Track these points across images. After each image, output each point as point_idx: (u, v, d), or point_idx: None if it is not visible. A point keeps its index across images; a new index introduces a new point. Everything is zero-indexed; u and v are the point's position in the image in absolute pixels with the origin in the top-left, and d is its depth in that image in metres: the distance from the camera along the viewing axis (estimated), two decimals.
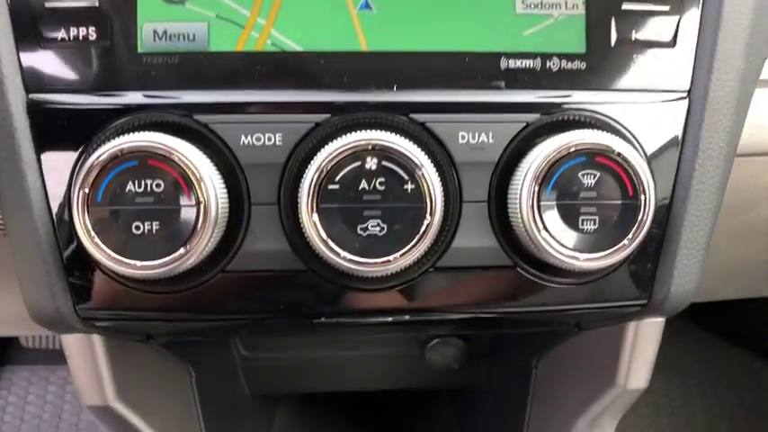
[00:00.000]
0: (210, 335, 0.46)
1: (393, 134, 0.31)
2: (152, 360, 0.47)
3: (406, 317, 0.36)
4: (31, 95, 0.33)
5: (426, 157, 0.31)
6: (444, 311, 0.36)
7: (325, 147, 0.31)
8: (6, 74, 0.32)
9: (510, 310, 0.36)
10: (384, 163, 0.31)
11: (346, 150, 0.31)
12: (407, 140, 0.31)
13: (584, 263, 0.32)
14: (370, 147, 0.31)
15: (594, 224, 0.32)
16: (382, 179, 0.31)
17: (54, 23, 0.33)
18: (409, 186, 0.31)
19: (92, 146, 0.32)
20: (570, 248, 0.32)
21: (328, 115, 0.33)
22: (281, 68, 0.34)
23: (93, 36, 0.33)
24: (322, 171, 0.31)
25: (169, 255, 0.31)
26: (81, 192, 0.31)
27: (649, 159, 0.34)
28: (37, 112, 0.33)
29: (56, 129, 0.33)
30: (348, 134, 0.31)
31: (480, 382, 0.66)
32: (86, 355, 0.39)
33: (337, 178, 0.31)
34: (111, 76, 0.33)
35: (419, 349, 0.63)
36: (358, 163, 0.31)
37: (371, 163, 0.31)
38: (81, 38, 0.33)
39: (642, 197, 0.32)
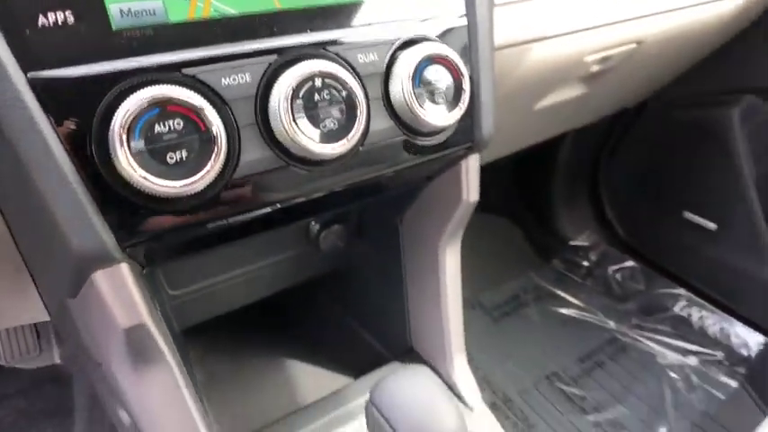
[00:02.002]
0: (220, 238, 0.56)
1: (324, 61, 0.48)
2: None
3: (348, 181, 0.54)
4: (30, 73, 0.40)
5: (348, 73, 0.49)
6: (367, 173, 0.55)
7: (282, 76, 0.46)
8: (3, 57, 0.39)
9: (405, 165, 0.57)
10: (326, 80, 0.48)
11: (300, 77, 0.47)
12: (334, 64, 0.48)
13: (444, 122, 0.54)
14: (315, 72, 0.47)
15: (444, 98, 0.54)
16: (327, 91, 0.48)
17: (34, 10, 0.39)
18: (344, 94, 0.48)
19: (105, 105, 0.41)
20: (434, 116, 0.54)
21: (275, 56, 0.48)
22: (230, 27, 0.47)
23: (71, 19, 0.41)
24: (287, 93, 0.46)
25: (199, 172, 0.43)
26: (120, 137, 0.40)
27: (460, 56, 0.57)
28: (42, 87, 0.40)
29: (64, 96, 0.40)
30: (295, 66, 0.47)
31: (360, 255, 0.86)
32: (117, 282, 0.47)
33: (301, 95, 0.47)
34: (99, 49, 0.41)
35: (311, 244, 0.80)
36: (309, 84, 0.47)
37: (318, 83, 0.47)
38: (61, 22, 0.40)
39: (463, 79, 0.55)
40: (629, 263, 1.73)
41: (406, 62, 0.52)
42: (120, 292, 0.47)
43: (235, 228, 0.51)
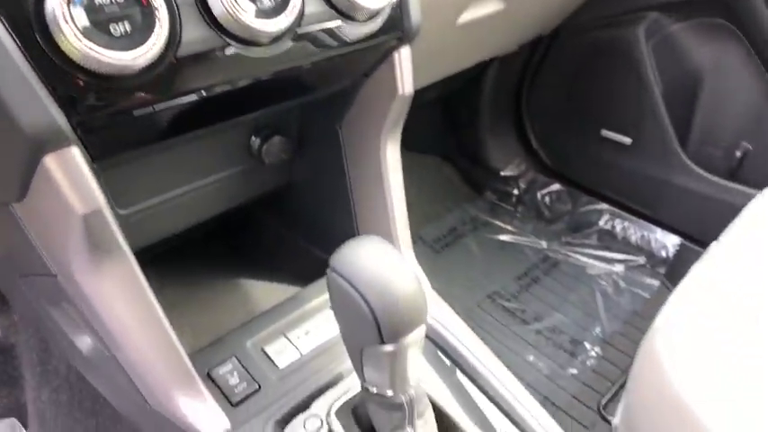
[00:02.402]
0: (162, 128, 0.56)
1: None
2: None
3: (287, 64, 0.55)
4: None
5: None
6: (305, 56, 0.56)
7: None
8: None
9: (341, 51, 0.59)
10: None
11: None
12: None
13: (377, 4, 0.57)
14: None
15: None
16: None
17: None
18: None
19: None
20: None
21: None
22: None
23: None
24: None
25: (143, 44, 0.44)
26: (63, 11, 0.41)
27: None
28: None
29: None
30: None
31: (304, 167, 0.87)
32: (71, 166, 0.47)
33: None
34: None
35: (255, 159, 0.81)
36: None
37: None
38: None
39: None
40: (556, 186, 1.83)
41: None
42: (75, 176, 0.47)
43: (177, 114, 0.52)
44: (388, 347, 0.53)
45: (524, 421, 0.69)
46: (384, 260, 0.53)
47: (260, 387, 0.66)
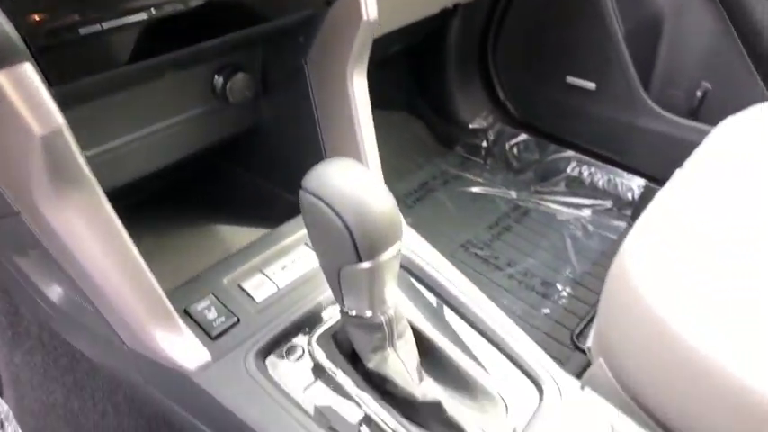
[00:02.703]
0: (116, 49, 0.54)
1: None
2: None
3: None
4: None
5: None
6: None
7: None
8: None
9: None
10: None
11: None
12: None
13: None
14: None
15: None
16: None
17: None
18: None
19: None
20: None
21: None
22: None
23: None
24: None
25: None
26: None
27: None
28: None
29: None
30: None
31: (270, 106, 0.86)
32: (26, 84, 0.45)
33: None
34: None
35: (219, 99, 0.79)
36: None
37: None
38: None
39: None
40: (523, 136, 1.85)
41: None
42: (30, 94, 0.45)
43: (129, 38, 0.51)
44: (365, 265, 0.53)
45: (505, 343, 0.70)
46: (357, 178, 0.53)
47: (239, 320, 0.66)
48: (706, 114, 1.48)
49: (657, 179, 1.58)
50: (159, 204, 0.96)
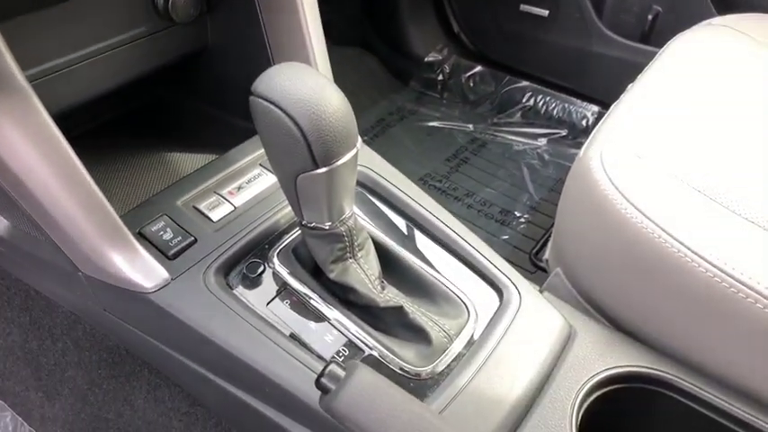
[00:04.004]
0: None
1: None
2: None
3: None
4: None
5: None
6: None
7: None
8: None
9: None
10: None
11: None
12: None
13: None
14: None
15: None
16: None
17: None
18: None
19: None
20: None
21: None
22: None
23: None
24: None
25: None
26: None
27: None
28: None
29: None
30: None
31: (217, 28, 0.82)
32: None
33: None
34: None
35: (164, 18, 0.75)
36: None
37: None
38: None
39: None
40: (479, 68, 1.84)
41: None
42: None
43: None
44: (322, 170, 0.52)
45: (465, 251, 0.71)
46: (310, 81, 0.51)
47: (196, 240, 0.65)
48: (657, 37, 1.50)
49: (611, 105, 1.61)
50: (108, 136, 0.93)
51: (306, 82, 0.51)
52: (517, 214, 1.47)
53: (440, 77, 1.88)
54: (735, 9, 1.24)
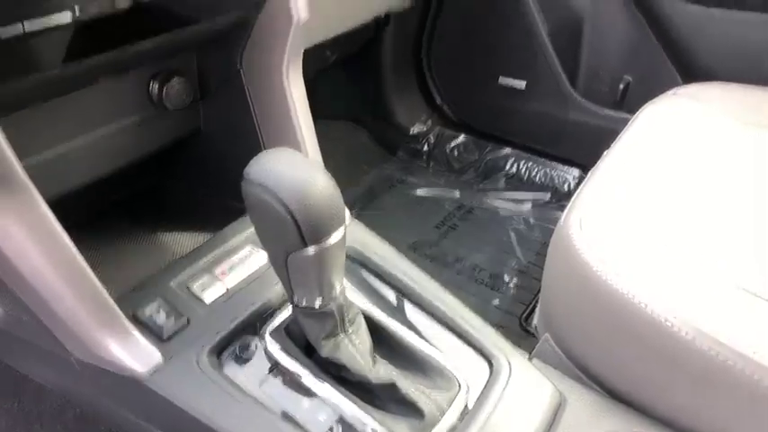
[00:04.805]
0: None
1: None
2: None
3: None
4: None
5: None
6: None
7: None
8: None
9: None
10: None
11: None
12: None
13: None
14: None
15: None
16: None
17: None
18: None
19: None
20: None
21: None
22: None
23: None
24: None
25: None
26: None
27: None
28: None
29: None
30: None
31: (207, 112, 0.86)
32: None
33: None
34: None
35: (157, 107, 0.79)
36: None
37: None
38: None
39: None
40: (462, 137, 1.90)
41: None
42: None
43: (59, 40, 0.51)
44: (311, 250, 0.54)
45: (454, 322, 0.72)
46: (298, 165, 0.55)
47: (189, 322, 0.66)
48: (630, 104, 1.57)
49: (591, 167, 1.66)
50: (102, 219, 0.95)
51: (295, 167, 0.54)
52: (506, 278, 1.49)
53: (425, 147, 1.94)
54: (698, 77, 1.31)
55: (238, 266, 0.74)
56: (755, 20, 1.24)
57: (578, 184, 1.66)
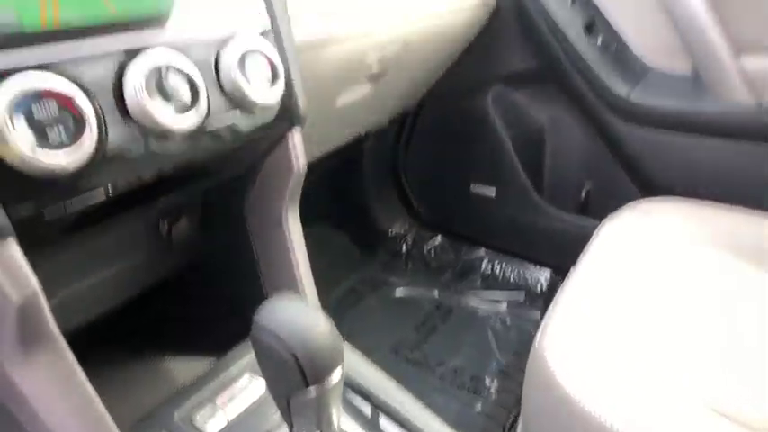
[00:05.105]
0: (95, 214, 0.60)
1: (168, 53, 0.58)
2: None
3: (199, 151, 0.64)
4: None
5: (190, 63, 0.60)
6: (213, 144, 0.65)
7: (133, 67, 0.56)
8: None
9: (241, 138, 0.68)
10: (171, 69, 0.58)
11: (150, 67, 0.56)
12: (177, 54, 0.59)
13: (267, 100, 0.68)
14: (163, 63, 0.57)
15: (265, 82, 0.68)
16: (173, 78, 0.58)
17: None
18: (188, 79, 0.59)
19: None
20: (259, 95, 0.67)
21: (124, 52, 0.57)
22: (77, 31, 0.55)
23: None
24: (139, 81, 0.56)
25: (78, 148, 0.51)
26: (6, 120, 0.47)
27: (273, 51, 0.70)
28: None
29: None
30: (142, 58, 0.57)
31: (211, 246, 0.93)
32: (7, 256, 0.50)
33: (151, 81, 0.56)
34: None
35: (163, 241, 0.86)
36: (158, 72, 0.57)
37: (164, 72, 0.58)
38: None
39: (278, 67, 0.69)
40: (439, 239, 2.00)
41: (232, 53, 0.65)
42: (11, 266, 0.51)
43: (96, 205, 0.59)
44: (313, 390, 0.61)
45: None
46: (301, 312, 0.62)
47: None
48: (593, 209, 1.70)
49: (561, 269, 1.76)
50: (104, 345, 0.99)
51: (299, 314, 0.61)
52: (487, 382, 1.53)
53: (404, 249, 2.03)
54: (655, 191, 1.45)
55: (239, 396, 0.78)
56: (700, 144, 1.38)
57: (550, 285, 1.76)
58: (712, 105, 1.36)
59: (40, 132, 0.48)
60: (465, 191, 1.88)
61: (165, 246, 0.88)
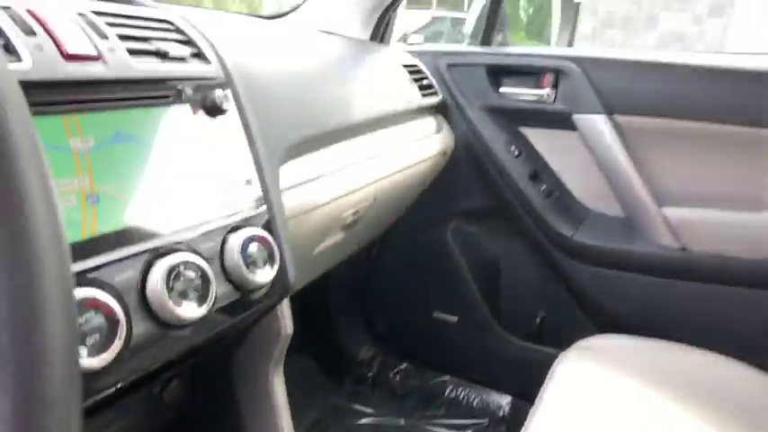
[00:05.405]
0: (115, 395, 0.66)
1: (181, 253, 0.68)
2: None
3: (211, 333, 0.72)
4: None
5: (200, 259, 0.70)
6: (221, 324, 0.74)
7: (154, 268, 0.65)
8: None
9: (244, 315, 0.77)
10: (184, 266, 0.67)
11: (168, 266, 0.66)
12: (189, 254, 0.69)
13: (265, 279, 0.78)
14: (179, 262, 0.67)
15: (262, 263, 0.78)
16: (186, 273, 0.67)
17: None
18: (199, 273, 0.69)
19: None
20: (258, 276, 0.77)
21: (147, 254, 0.66)
22: (112, 238, 0.64)
23: None
24: (164, 277, 0.65)
25: (109, 349, 0.58)
26: None
27: (267, 233, 0.81)
28: None
29: None
30: (163, 259, 0.66)
31: (198, 401, 0.98)
32: None
33: (170, 278, 0.66)
34: None
35: (154, 400, 0.91)
36: (175, 270, 0.67)
37: (180, 268, 0.67)
38: None
39: (273, 248, 0.80)
40: (404, 365, 2.07)
41: (236, 241, 0.75)
42: None
43: (127, 385, 0.65)
44: None
45: None
46: None
47: None
48: (548, 337, 1.81)
49: (522, 394, 1.84)
50: None
51: None
52: None
53: (370, 375, 2.08)
54: (603, 323, 1.58)
55: None
56: (637, 281, 1.54)
57: (511, 411, 1.82)
58: (643, 246, 1.53)
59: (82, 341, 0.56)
60: (428, 317, 1.98)
61: (156, 405, 0.93)
